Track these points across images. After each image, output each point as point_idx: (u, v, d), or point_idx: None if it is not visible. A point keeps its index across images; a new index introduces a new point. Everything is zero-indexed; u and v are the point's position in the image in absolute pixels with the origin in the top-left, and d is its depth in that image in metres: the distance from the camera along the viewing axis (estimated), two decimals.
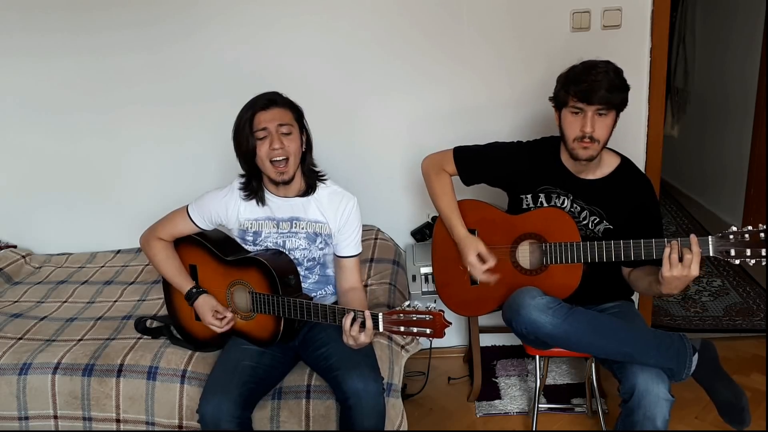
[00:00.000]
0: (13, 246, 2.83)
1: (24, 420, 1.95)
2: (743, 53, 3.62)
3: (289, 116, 1.82)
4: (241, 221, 1.91)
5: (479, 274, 1.98)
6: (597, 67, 1.81)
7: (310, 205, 1.91)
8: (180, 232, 1.97)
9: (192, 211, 1.94)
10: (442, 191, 2.09)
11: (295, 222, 1.91)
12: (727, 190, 3.83)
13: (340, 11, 2.53)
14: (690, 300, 3.25)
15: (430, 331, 1.56)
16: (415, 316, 1.57)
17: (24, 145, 2.78)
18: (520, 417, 2.43)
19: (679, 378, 1.76)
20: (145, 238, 1.99)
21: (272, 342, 1.85)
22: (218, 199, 1.92)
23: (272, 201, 1.90)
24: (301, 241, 1.92)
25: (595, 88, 1.78)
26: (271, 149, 1.78)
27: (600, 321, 1.86)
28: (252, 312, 1.87)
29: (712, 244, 1.69)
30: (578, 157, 1.88)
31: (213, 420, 1.69)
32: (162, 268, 1.97)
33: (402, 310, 1.60)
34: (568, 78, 1.86)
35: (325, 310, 1.73)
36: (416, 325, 1.57)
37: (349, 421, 1.71)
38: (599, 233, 1.97)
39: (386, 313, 1.62)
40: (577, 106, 1.83)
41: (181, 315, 2.04)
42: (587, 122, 1.82)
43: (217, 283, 1.93)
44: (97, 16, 2.59)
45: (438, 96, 2.60)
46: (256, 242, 1.92)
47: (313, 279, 1.97)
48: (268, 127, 1.79)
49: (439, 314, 1.56)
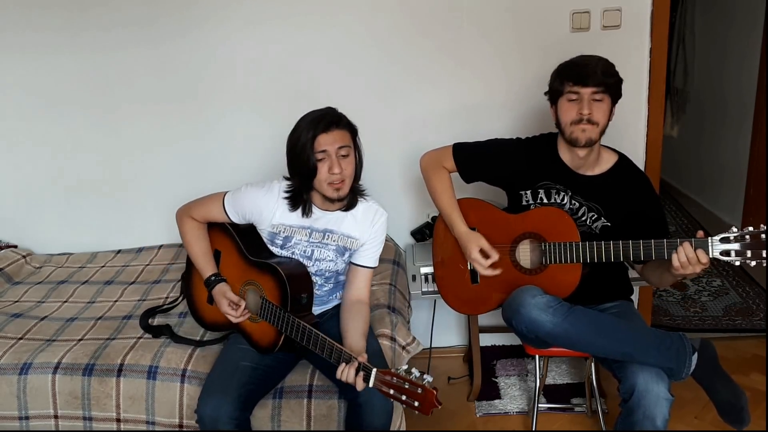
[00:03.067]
0: (14, 246, 2.83)
1: (24, 420, 1.95)
2: (742, 53, 3.63)
3: (348, 138, 1.82)
4: (274, 224, 1.90)
5: (483, 269, 1.98)
6: (590, 57, 1.89)
7: (346, 219, 1.92)
8: (213, 219, 1.98)
9: (227, 204, 1.93)
10: (442, 188, 2.10)
11: (328, 234, 1.91)
12: (727, 190, 3.84)
13: (340, 10, 2.54)
14: (690, 300, 3.25)
15: (417, 404, 1.50)
16: (407, 384, 1.51)
17: (24, 144, 2.77)
18: (519, 417, 2.43)
19: (679, 377, 1.76)
20: (180, 213, 2.01)
21: (270, 351, 1.84)
22: (255, 199, 1.90)
23: (315, 213, 1.90)
24: (330, 253, 1.92)
25: (590, 71, 1.83)
26: (330, 173, 1.78)
27: (600, 320, 1.87)
28: (258, 317, 1.87)
29: (713, 246, 1.69)
30: (577, 141, 1.88)
31: (211, 421, 1.69)
32: (190, 246, 1.99)
33: (396, 374, 1.54)
34: (562, 69, 1.91)
35: (324, 344, 1.70)
36: (406, 393, 1.51)
37: (357, 420, 1.71)
38: (597, 230, 1.97)
39: (380, 371, 1.58)
40: (572, 90, 1.85)
41: (195, 295, 2.07)
42: (584, 105, 1.85)
43: (235, 276, 1.94)
44: (97, 14, 2.59)
45: (437, 96, 2.60)
46: (285, 246, 1.91)
47: (328, 287, 1.98)
48: (328, 150, 1.78)
49: (431, 392, 1.49)
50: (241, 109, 2.66)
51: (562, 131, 1.93)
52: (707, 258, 1.69)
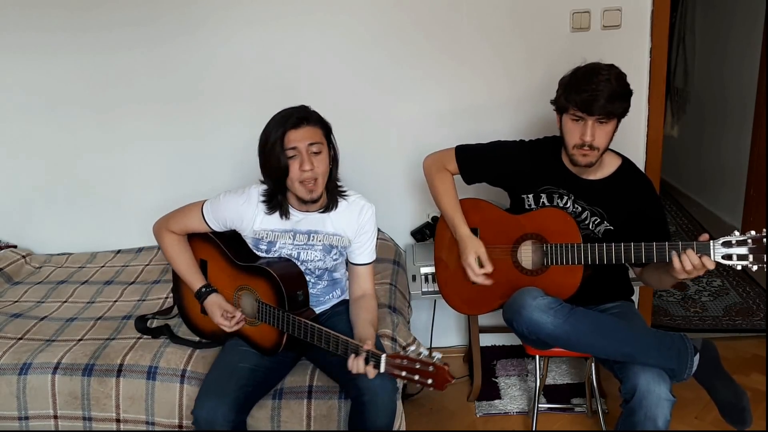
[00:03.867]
0: (13, 246, 2.83)
1: (24, 420, 1.95)
2: (743, 53, 3.62)
3: (320, 134, 1.78)
4: (256, 230, 1.87)
5: (474, 276, 1.99)
6: (599, 74, 1.79)
7: (329, 219, 1.89)
8: (193, 229, 1.95)
9: (207, 212, 1.91)
10: (445, 190, 2.09)
11: (312, 235, 1.89)
12: (727, 190, 3.84)
13: (341, 11, 2.53)
14: (690, 300, 3.25)
15: (431, 382, 1.51)
16: (418, 365, 1.52)
17: (24, 145, 2.77)
18: (520, 417, 2.43)
19: (681, 378, 1.76)
20: (158, 227, 1.98)
21: (274, 352, 1.83)
22: (235, 206, 1.87)
23: (294, 215, 1.87)
24: (317, 253, 1.90)
25: (595, 98, 1.76)
26: (301, 170, 1.74)
27: (601, 321, 1.86)
28: (257, 320, 1.87)
29: (714, 250, 1.69)
30: (578, 163, 1.90)
31: (207, 424, 1.67)
32: (174, 261, 1.96)
33: (406, 356, 1.55)
34: (569, 84, 1.84)
35: (329, 337, 1.69)
36: (419, 373, 1.52)
37: (361, 418, 1.69)
38: (600, 234, 1.97)
39: (390, 356, 1.58)
40: (576, 114, 1.83)
41: (188, 307, 2.04)
42: (587, 131, 1.82)
43: (226, 283, 1.92)
44: (97, 14, 2.58)
45: (438, 96, 2.60)
46: (270, 251, 1.89)
47: (322, 285, 1.97)
48: (299, 147, 1.74)
49: (442, 368, 1.50)
50: (242, 109, 2.66)
51: (564, 146, 1.92)
52: (713, 264, 1.68)
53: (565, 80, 1.88)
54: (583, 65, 1.86)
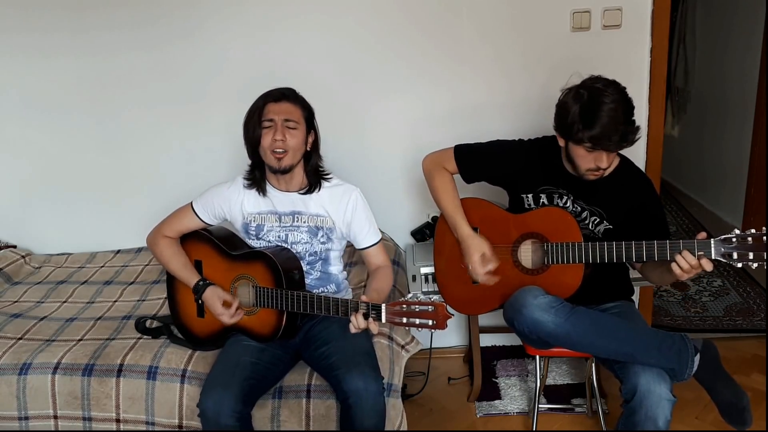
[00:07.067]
0: (13, 246, 2.82)
1: (24, 420, 1.95)
2: (743, 53, 3.62)
3: (298, 113, 1.88)
4: (244, 214, 1.95)
5: (479, 276, 1.98)
6: (603, 103, 1.74)
7: (311, 201, 1.94)
8: (186, 228, 2.01)
9: (197, 207, 1.99)
10: (444, 190, 2.09)
11: (297, 216, 1.94)
12: (728, 190, 3.83)
13: (342, 12, 2.53)
14: (690, 300, 3.25)
15: (432, 322, 1.58)
16: (417, 308, 1.59)
17: (24, 145, 2.77)
18: (520, 417, 2.43)
19: (681, 378, 1.76)
20: (151, 237, 2.03)
21: (273, 337, 1.85)
22: (222, 193, 1.97)
23: (274, 195, 1.94)
24: (303, 235, 1.94)
25: (608, 137, 1.74)
26: (273, 140, 1.84)
27: (602, 321, 1.86)
28: (255, 307, 1.88)
29: (714, 248, 1.69)
30: (587, 180, 1.91)
31: (213, 415, 1.69)
32: (169, 264, 2.00)
33: (405, 301, 1.62)
34: (576, 119, 1.77)
35: (329, 302, 1.74)
36: (419, 316, 1.59)
37: (349, 421, 1.71)
38: (599, 233, 1.97)
39: (389, 304, 1.64)
40: (590, 148, 1.79)
41: (183, 313, 2.04)
42: (603, 159, 1.82)
43: (222, 278, 1.94)
44: (97, 16, 2.58)
45: (438, 96, 2.60)
46: (259, 236, 1.95)
47: (315, 275, 1.98)
48: (275, 119, 1.85)
49: (441, 305, 1.58)
50: (242, 111, 2.64)
51: (574, 167, 1.90)
52: (711, 266, 1.68)
53: (567, 109, 1.80)
54: (582, 89, 1.79)
